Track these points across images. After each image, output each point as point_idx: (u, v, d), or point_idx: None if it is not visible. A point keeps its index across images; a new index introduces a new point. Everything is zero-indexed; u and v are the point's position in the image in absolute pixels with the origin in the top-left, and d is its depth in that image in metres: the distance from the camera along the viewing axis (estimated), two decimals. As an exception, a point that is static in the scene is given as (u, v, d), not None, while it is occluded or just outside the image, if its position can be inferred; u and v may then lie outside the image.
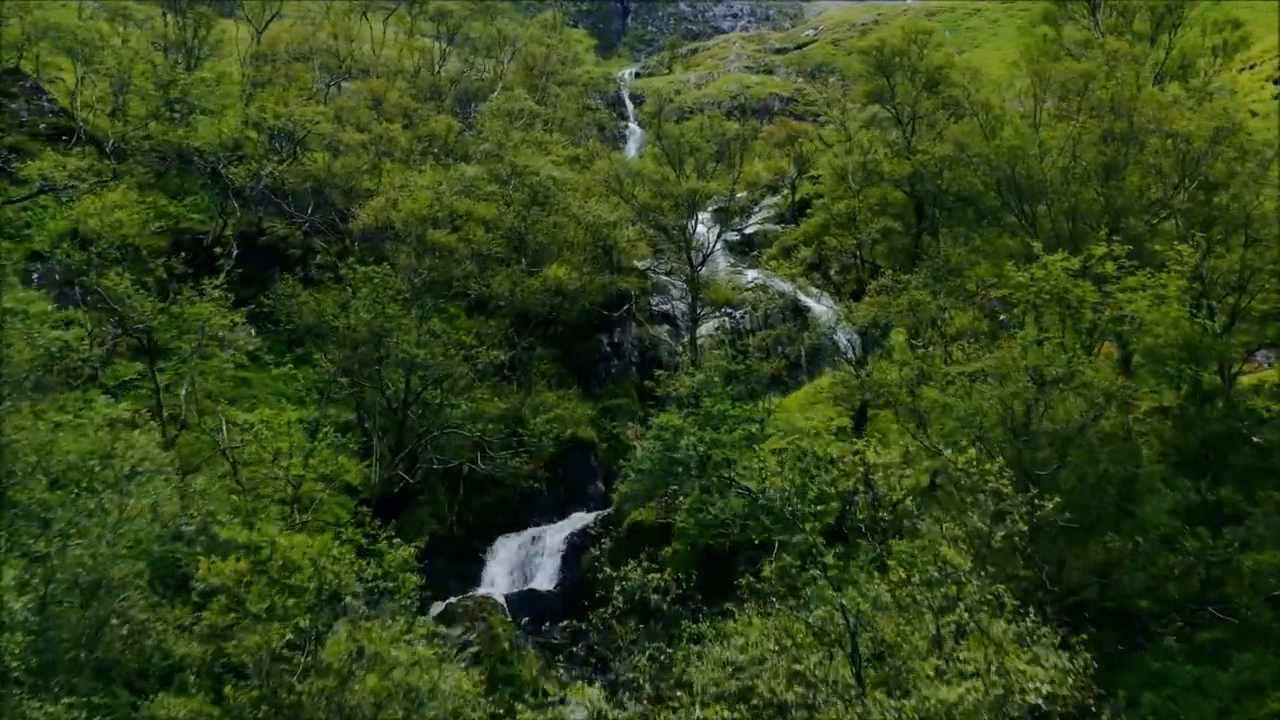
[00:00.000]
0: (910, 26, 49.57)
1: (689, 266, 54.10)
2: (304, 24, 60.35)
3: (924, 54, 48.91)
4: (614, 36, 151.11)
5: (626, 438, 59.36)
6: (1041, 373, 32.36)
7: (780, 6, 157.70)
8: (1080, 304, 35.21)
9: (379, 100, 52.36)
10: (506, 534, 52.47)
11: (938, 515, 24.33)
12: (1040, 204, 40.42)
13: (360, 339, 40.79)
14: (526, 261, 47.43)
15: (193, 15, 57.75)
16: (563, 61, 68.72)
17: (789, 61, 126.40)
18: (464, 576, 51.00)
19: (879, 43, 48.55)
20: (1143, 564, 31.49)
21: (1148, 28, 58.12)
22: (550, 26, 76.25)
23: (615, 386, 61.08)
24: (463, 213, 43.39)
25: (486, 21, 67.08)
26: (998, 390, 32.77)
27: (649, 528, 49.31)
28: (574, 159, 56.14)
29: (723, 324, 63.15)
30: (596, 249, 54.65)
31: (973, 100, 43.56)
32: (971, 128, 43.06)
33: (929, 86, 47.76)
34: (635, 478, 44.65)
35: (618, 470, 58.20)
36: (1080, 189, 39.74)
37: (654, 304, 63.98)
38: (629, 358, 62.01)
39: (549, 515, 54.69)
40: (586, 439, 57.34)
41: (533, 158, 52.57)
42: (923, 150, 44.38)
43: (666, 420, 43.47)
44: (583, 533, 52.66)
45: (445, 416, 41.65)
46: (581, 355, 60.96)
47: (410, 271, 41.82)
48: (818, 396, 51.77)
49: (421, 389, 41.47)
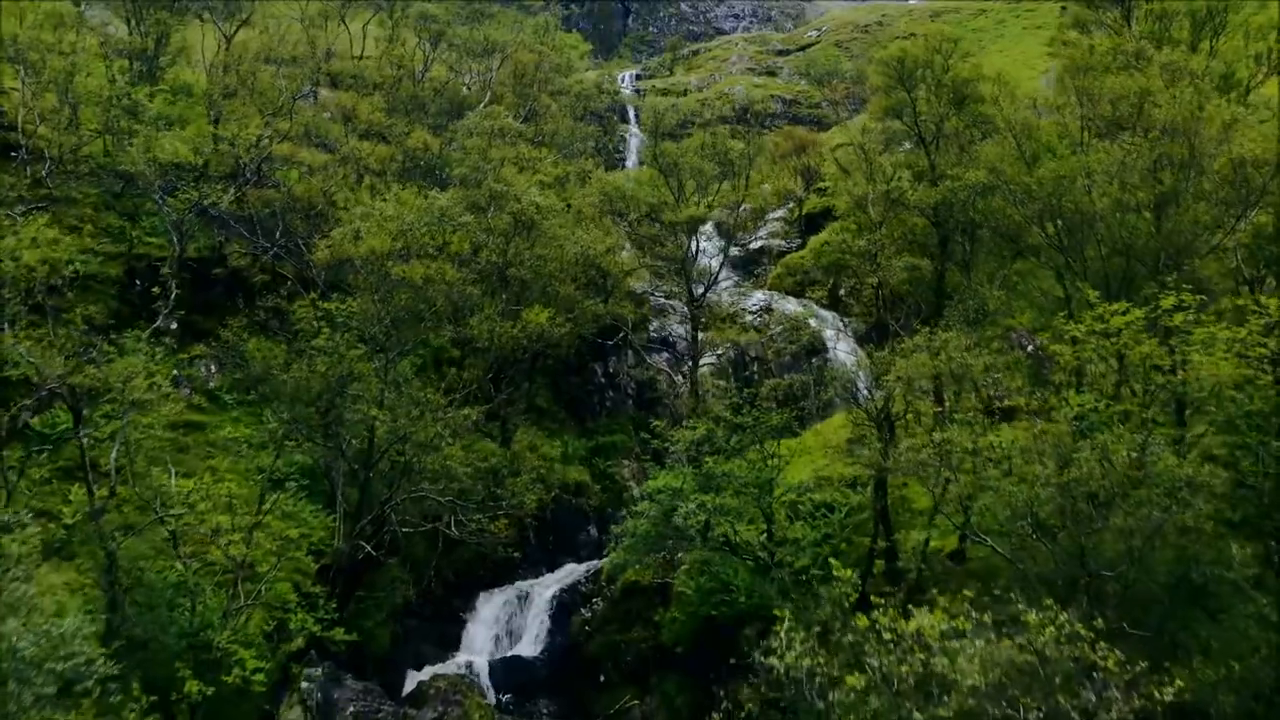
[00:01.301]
0: (934, 35, 43.13)
1: (689, 300, 47.86)
2: (276, 29, 53.76)
3: (949, 65, 42.49)
4: (615, 38, 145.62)
5: (622, 478, 53.26)
6: (1110, 456, 26.22)
7: (782, 7, 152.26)
8: (1146, 365, 29.08)
9: (349, 116, 46.05)
10: (490, 590, 46.42)
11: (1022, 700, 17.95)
12: (1088, 241, 34.17)
13: (313, 394, 34.64)
14: (507, 298, 41.21)
15: (152, 21, 51.39)
16: (556, 69, 62.34)
17: (792, 64, 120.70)
18: (443, 639, 44.89)
19: (900, 53, 42.13)
20: (1235, 688, 25.34)
21: (1187, 33, 51.73)
22: (543, 32, 69.83)
23: (610, 421, 54.94)
24: (433, 248, 37.02)
25: (473, 27, 60.66)
26: (1056, 476, 26.63)
27: (645, 588, 43.24)
28: (564, 178, 49.82)
29: (726, 351, 57.06)
30: (589, 274, 48.44)
31: (1008, 119, 37.17)
32: (1006, 151, 36.75)
33: (956, 102, 41.38)
34: (629, 543, 38.63)
35: (612, 514, 52.19)
36: (1136, 223, 33.53)
37: (652, 329, 57.80)
38: (625, 389, 55.88)
39: (537, 567, 48.59)
40: (578, 481, 51.26)
41: (518, 177, 46.35)
42: (951, 175, 38.01)
43: (664, 482, 37.40)
44: (573, 588, 46.57)
45: (413, 481, 35.41)
46: (573, 387, 54.89)
47: (372, 319, 35.44)
48: (832, 438, 45.68)
49: (386, 448, 35.23)
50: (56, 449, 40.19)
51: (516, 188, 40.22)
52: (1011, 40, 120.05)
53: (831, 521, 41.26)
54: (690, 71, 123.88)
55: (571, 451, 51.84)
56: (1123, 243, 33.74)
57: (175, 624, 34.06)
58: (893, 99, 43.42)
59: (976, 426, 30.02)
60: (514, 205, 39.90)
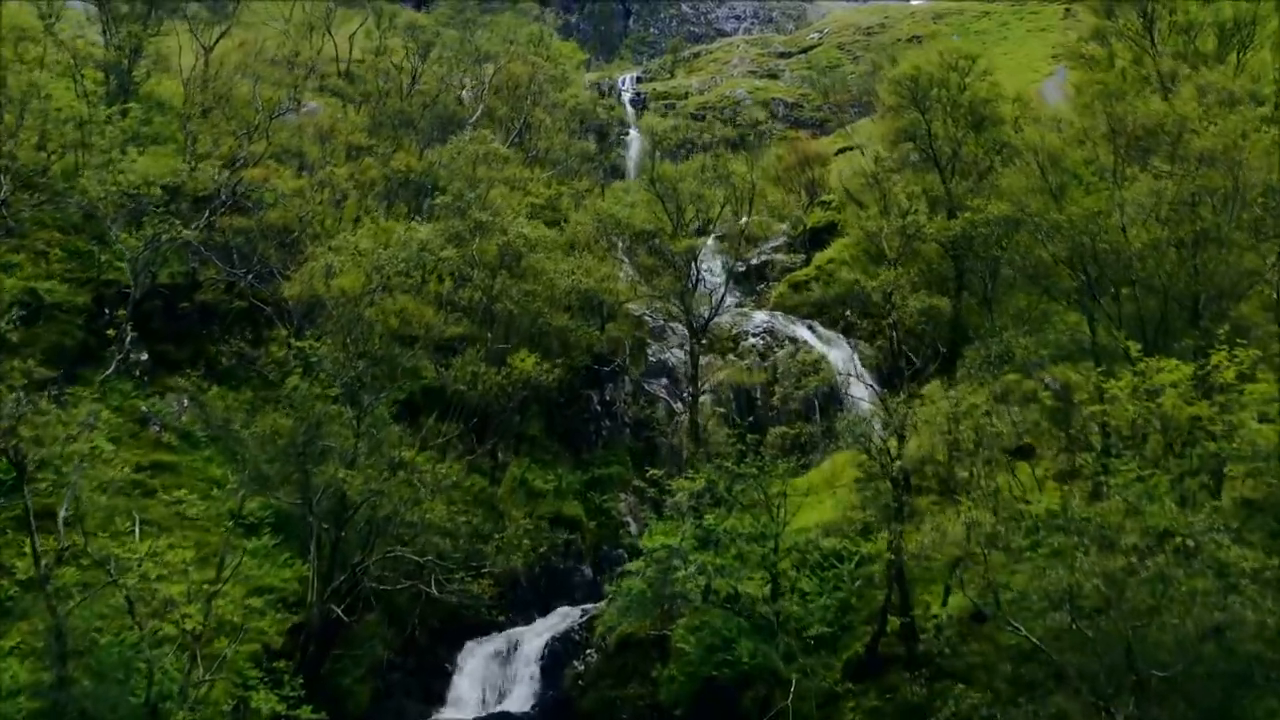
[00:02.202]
0: (949, 51, 39.49)
1: (689, 334, 44.35)
2: (257, 42, 50.01)
3: (965, 84, 38.89)
4: (615, 39, 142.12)
5: (619, 513, 49.76)
6: (1161, 540, 22.79)
7: (783, 8, 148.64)
8: (1198, 430, 25.65)
9: (325, 136, 42.47)
10: (478, 638, 42.93)
11: None
12: (1123, 283, 30.65)
13: (279, 449, 31.19)
14: (493, 335, 37.73)
15: (125, 34, 47.84)
16: (551, 79, 58.64)
17: (793, 67, 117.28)
18: (427, 694, 41.24)
19: (913, 71, 38.52)
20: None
21: (1213, 46, 48.11)
22: (537, 41, 66.01)
23: (606, 452, 51.19)
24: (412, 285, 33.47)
25: (465, 37, 57.01)
26: (1099, 562, 23.19)
27: (642, 640, 39.72)
28: (557, 199, 46.29)
29: (727, 378, 53.53)
30: (584, 300, 44.97)
31: (1031, 144, 33.53)
32: (1031, 182, 33.18)
33: (974, 124, 37.78)
34: (624, 602, 35.25)
35: (608, 552, 48.75)
36: (1177, 265, 30.03)
37: (651, 353, 54.18)
38: (622, 418, 52.15)
39: (527, 610, 45.00)
40: (572, 517, 47.72)
41: (509, 198, 42.92)
42: (972, 207, 34.41)
43: (661, 540, 33.94)
44: (565, 636, 42.99)
45: (388, 542, 31.97)
46: (568, 417, 51.10)
47: (343, 365, 31.90)
48: (841, 475, 42.29)
49: (358, 505, 31.73)
50: (9, 498, 36.85)
51: (503, 218, 36.66)
52: (1015, 43, 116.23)
53: (841, 573, 37.85)
54: (691, 74, 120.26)
55: (565, 485, 48.29)
56: (1160, 285, 30.21)
57: (130, 697, 30.73)
58: (905, 119, 39.84)
59: (1003, 498, 26.50)
60: (500, 237, 36.38)
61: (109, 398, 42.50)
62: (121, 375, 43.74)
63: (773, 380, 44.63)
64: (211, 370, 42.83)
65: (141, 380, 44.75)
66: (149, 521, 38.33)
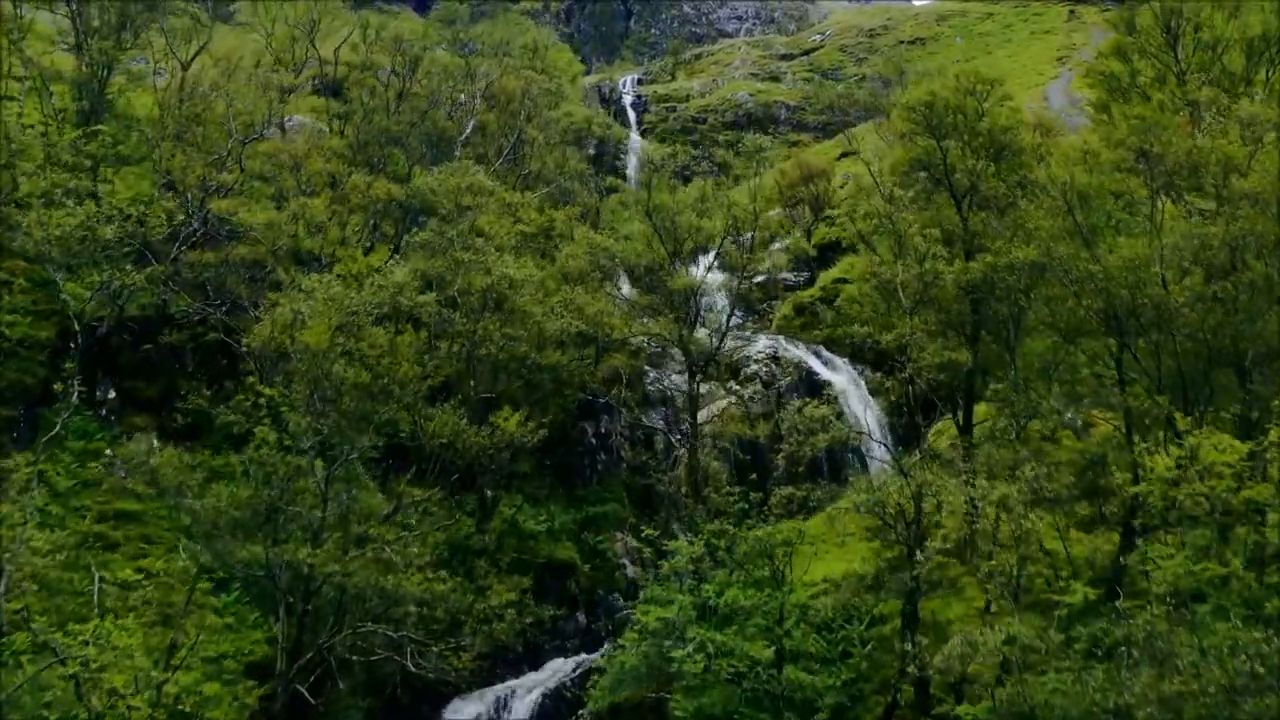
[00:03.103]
0: (966, 74, 36.03)
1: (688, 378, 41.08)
2: (238, 54, 46.52)
3: (984, 110, 35.49)
4: (617, 39, 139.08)
5: (614, 554, 46.45)
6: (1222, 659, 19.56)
7: (785, 8, 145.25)
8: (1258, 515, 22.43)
9: (299, 164, 39.05)
10: (464, 695, 39.76)
11: None
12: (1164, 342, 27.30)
13: (236, 521, 27.96)
14: (476, 383, 34.44)
15: (96, 50, 44.50)
16: (546, 93, 55.13)
17: (796, 69, 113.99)
18: (411, 755, 38.47)
19: (928, 96, 35.08)
20: None
21: (1240, 64, 44.71)
22: (532, 52, 62.44)
23: (601, 488, 47.90)
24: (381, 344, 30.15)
25: (454, 51, 53.54)
26: (1153, 685, 19.95)
27: (639, 705, 36.49)
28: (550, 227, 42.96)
29: (728, 406, 50.23)
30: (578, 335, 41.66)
31: (1058, 182, 30.09)
32: (1060, 224, 29.77)
33: (993, 154, 34.38)
34: (615, 674, 32.07)
35: (603, 597, 45.54)
36: (1223, 320, 26.71)
37: (649, 381, 50.79)
38: (618, 451, 48.85)
39: (517, 664, 41.89)
40: (565, 560, 44.45)
41: (496, 225, 39.59)
42: (993, 250, 30.97)
43: (657, 614, 30.65)
44: (556, 694, 39.92)
45: (357, 617, 28.72)
46: (561, 451, 47.74)
47: (308, 430, 28.56)
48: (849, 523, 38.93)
49: (323, 580, 28.44)
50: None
51: (487, 257, 33.33)
52: (1019, 45, 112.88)
53: (851, 635, 34.61)
54: (692, 76, 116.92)
55: (558, 525, 45.02)
56: (1204, 341, 26.92)
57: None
58: (919, 147, 36.38)
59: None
60: (483, 279, 33.05)
61: (68, 441, 39.58)
62: (85, 415, 40.73)
63: (776, 433, 41.16)
64: (181, 410, 39.71)
65: (108, 419, 41.73)
66: (110, 580, 35.47)
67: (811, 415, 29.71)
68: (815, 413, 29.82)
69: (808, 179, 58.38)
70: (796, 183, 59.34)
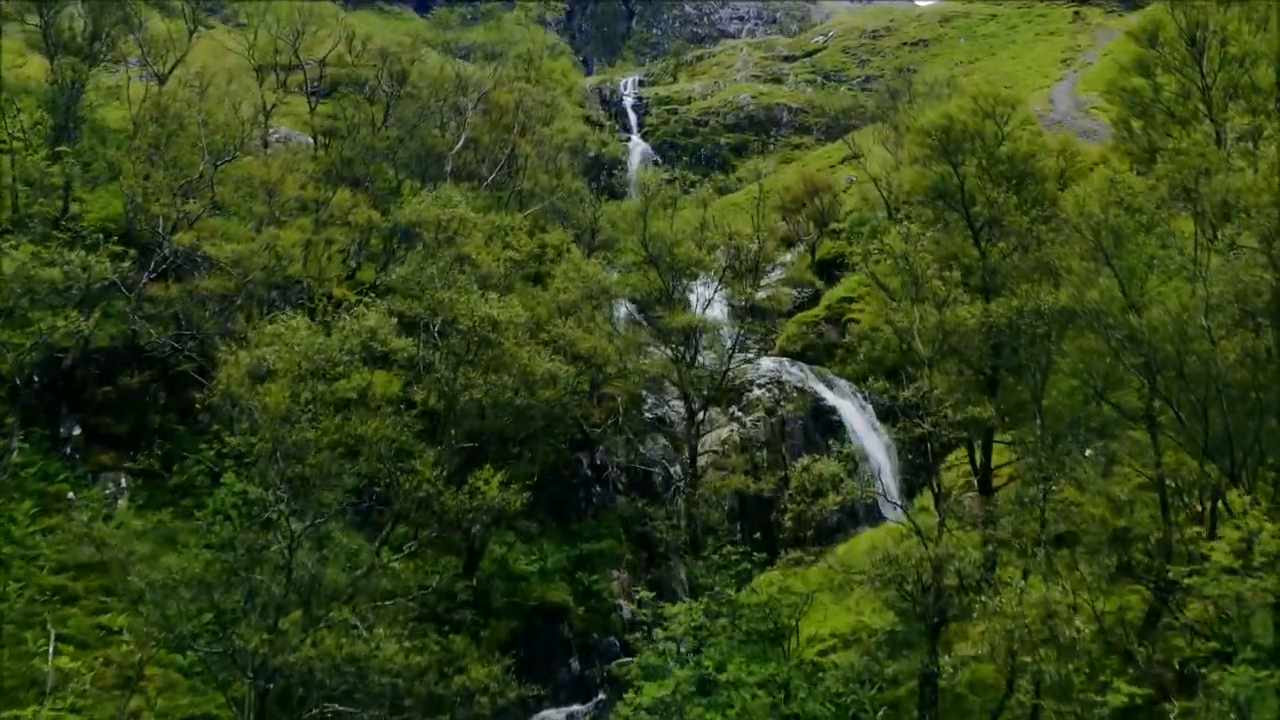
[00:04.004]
0: (985, 96, 32.97)
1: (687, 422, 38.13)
2: (207, 79, 43.28)
3: (1003, 134, 32.48)
4: (618, 40, 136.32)
5: (610, 594, 43.50)
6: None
7: (787, 9, 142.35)
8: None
9: (272, 190, 35.97)
10: (447, 751, 36.90)
11: None
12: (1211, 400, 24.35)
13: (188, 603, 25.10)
14: (457, 433, 31.49)
15: (66, 65, 41.54)
16: (541, 104, 52.07)
17: (798, 71, 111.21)
18: (387, 821, 35.56)
19: (944, 120, 32.11)
20: None
21: (1270, 80, 41.64)
22: (527, 62, 59.28)
23: (597, 523, 44.88)
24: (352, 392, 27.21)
25: (447, 57, 50.43)
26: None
27: (635, 777, 33.60)
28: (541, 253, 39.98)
29: (731, 435, 47.33)
30: (570, 364, 38.71)
31: (1090, 219, 27.06)
32: (1091, 267, 26.74)
33: (1014, 183, 31.36)
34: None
35: (598, 642, 42.58)
36: (1274, 377, 23.78)
37: (646, 409, 47.80)
38: (614, 484, 45.95)
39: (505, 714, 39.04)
40: (558, 603, 41.45)
41: (484, 250, 36.64)
42: (1018, 293, 27.92)
43: (652, 691, 27.71)
44: (548, 752, 37.21)
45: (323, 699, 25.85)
46: (555, 482, 44.70)
47: (267, 500, 25.58)
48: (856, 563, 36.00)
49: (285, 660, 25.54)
50: None
51: (469, 298, 30.35)
52: (1024, 46, 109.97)
53: (861, 700, 31.69)
54: (694, 78, 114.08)
55: (551, 565, 42.06)
56: (1255, 402, 23.97)
57: None
58: (935, 173, 33.37)
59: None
60: (466, 321, 30.09)
61: (27, 484, 36.64)
62: (48, 454, 37.84)
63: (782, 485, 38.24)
64: (148, 454, 36.89)
65: (72, 458, 38.78)
66: (67, 638, 32.62)
67: (820, 474, 26.72)
68: (825, 470, 26.82)
69: (812, 194, 55.34)
70: (800, 196, 56.31)
